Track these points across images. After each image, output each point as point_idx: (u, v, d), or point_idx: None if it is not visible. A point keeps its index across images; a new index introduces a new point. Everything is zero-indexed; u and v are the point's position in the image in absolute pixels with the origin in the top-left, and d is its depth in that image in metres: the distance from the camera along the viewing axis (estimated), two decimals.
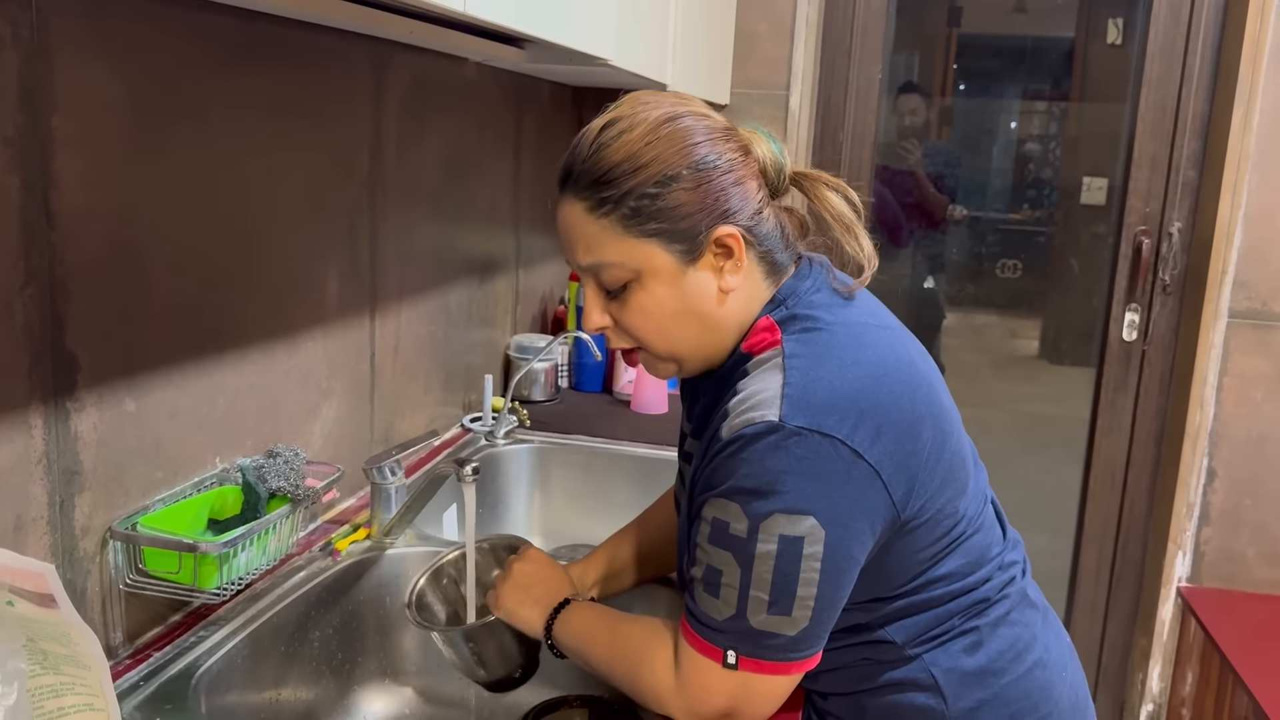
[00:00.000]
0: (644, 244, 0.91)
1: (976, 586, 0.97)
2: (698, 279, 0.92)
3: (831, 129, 2.52)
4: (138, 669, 1.04)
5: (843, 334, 0.92)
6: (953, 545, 0.95)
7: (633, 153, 0.90)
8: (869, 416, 0.86)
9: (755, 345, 0.93)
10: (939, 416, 0.92)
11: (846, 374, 0.88)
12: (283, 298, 1.31)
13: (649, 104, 0.94)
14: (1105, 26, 2.70)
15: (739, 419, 0.87)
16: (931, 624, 0.96)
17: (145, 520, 1.07)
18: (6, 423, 0.91)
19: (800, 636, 0.88)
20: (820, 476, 0.84)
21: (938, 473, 0.91)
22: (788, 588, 0.86)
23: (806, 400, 0.85)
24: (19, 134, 0.90)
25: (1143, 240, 2.41)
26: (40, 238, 0.93)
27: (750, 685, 0.89)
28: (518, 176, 2.08)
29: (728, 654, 0.89)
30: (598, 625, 1.03)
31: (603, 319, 0.97)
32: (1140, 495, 2.55)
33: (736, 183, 0.91)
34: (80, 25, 0.95)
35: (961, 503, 0.95)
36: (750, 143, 0.95)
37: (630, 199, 0.90)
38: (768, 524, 0.85)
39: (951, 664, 0.96)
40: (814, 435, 0.84)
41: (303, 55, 1.30)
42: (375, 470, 1.37)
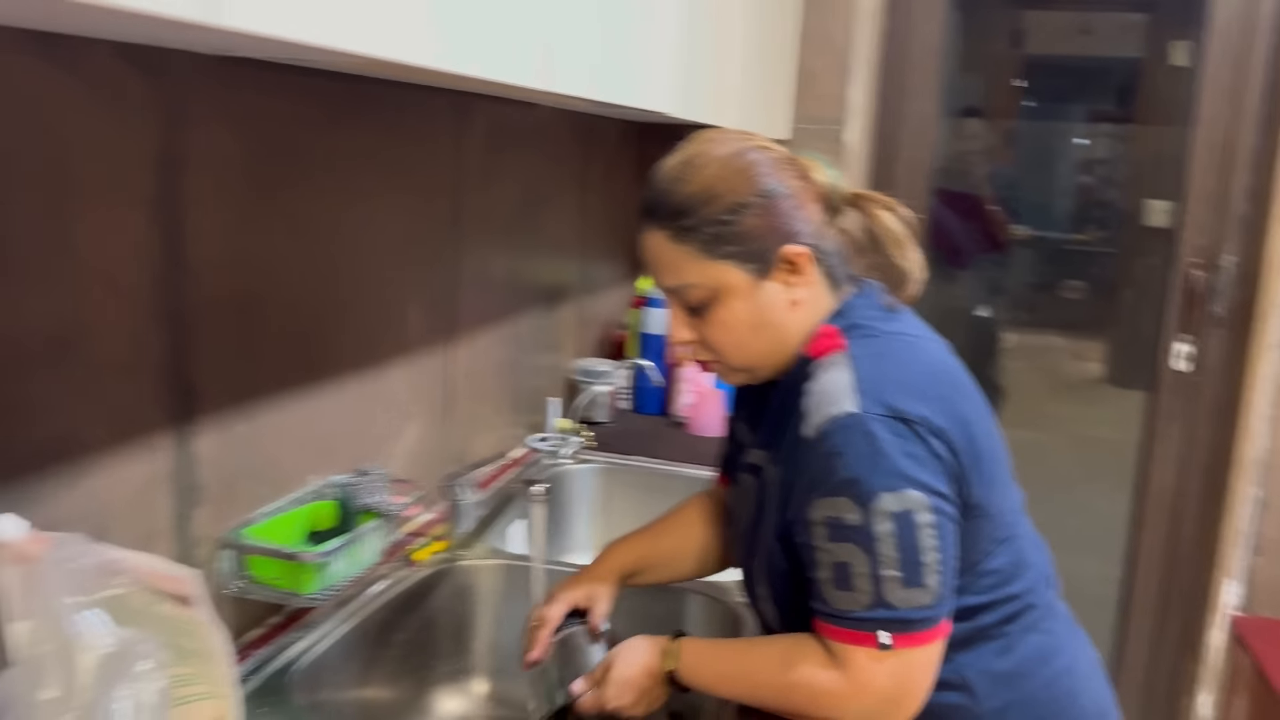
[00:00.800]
0: (721, 265, 1.03)
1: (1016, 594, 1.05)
2: (770, 292, 1.04)
3: (887, 162, 2.60)
4: (242, 665, 1.17)
5: (898, 342, 1.04)
6: (1002, 542, 1.04)
7: (707, 185, 1.02)
8: (935, 404, 0.97)
9: (818, 349, 1.03)
10: (985, 416, 1.03)
11: (909, 370, 1.00)
12: (372, 329, 1.44)
13: (717, 141, 1.06)
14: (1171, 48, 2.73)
15: (819, 415, 0.97)
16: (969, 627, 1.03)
17: (251, 531, 1.19)
18: (141, 445, 1.05)
19: (936, 602, 0.96)
20: (910, 454, 0.94)
21: (992, 467, 1.02)
22: (914, 560, 0.94)
23: (879, 390, 0.96)
24: (158, 193, 1.03)
25: (1196, 272, 2.45)
26: (172, 283, 1.06)
27: (909, 660, 0.96)
28: (584, 209, 2.20)
29: (880, 636, 0.95)
30: (724, 665, 1.07)
31: (688, 334, 1.08)
32: (1192, 524, 2.58)
33: (799, 207, 1.04)
34: (207, 95, 1.08)
35: (1009, 502, 1.05)
36: (809, 170, 1.07)
37: (707, 226, 1.02)
38: (877, 506, 0.93)
39: (984, 666, 1.04)
40: (893, 420, 0.95)
41: (395, 110, 1.42)
42: (452, 488, 1.49)
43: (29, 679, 0.73)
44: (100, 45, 0.94)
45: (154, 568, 0.83)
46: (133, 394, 1.03)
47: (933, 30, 2.54)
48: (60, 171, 0.92)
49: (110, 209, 0.97)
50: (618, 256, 2.48)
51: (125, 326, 1.01)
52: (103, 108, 0.95)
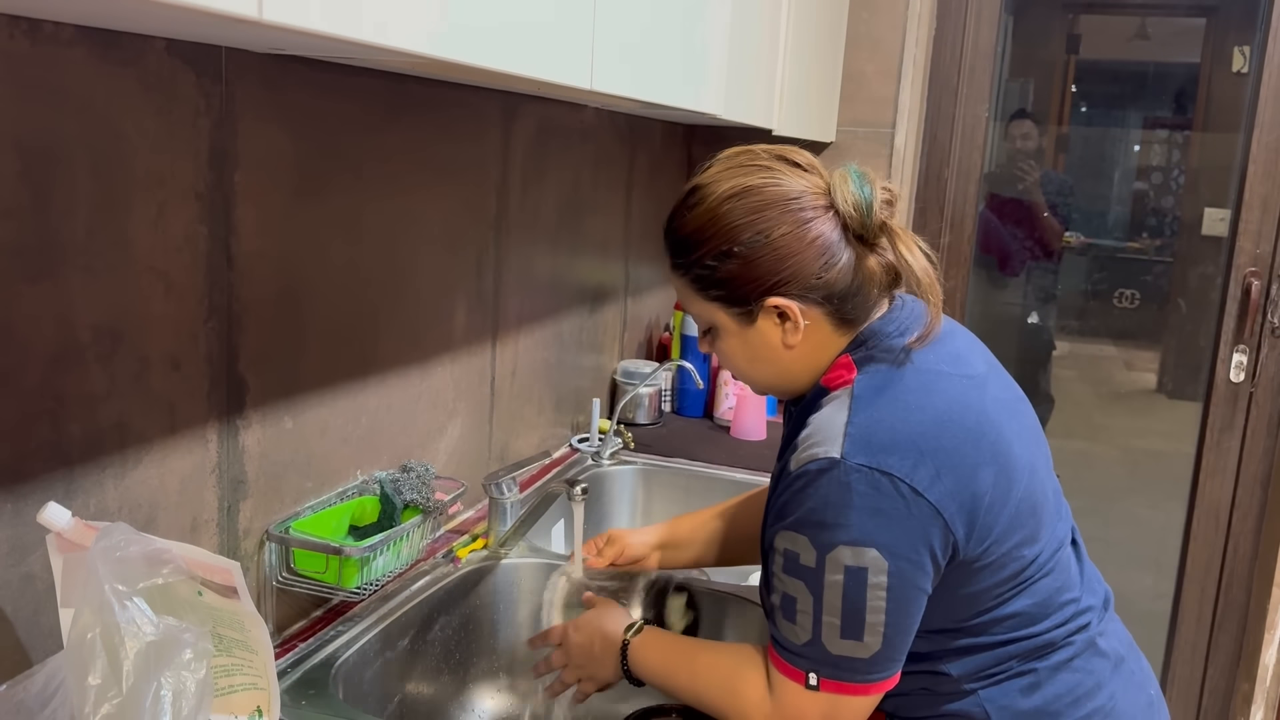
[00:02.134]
0: (710, 305, 1.04)
1: (1042, 632, 1.01)
2: (760, 335, 1.02)
3: (937, 166, 2.57)
4: (285, 657, 1.18)
5: (913, 379, 0.98)
6: (1020, 588, 1.00)
7: (697, 228, 1.01)
8: (928, 458, 0.92)
9: (832, 381, 1.01)
10: (1005, 465, 0.97)
11: (910, 417, 0.95)
12: (417, 327, 1.45)
13: (728, 170, 1.01)
14: (1231, 54, 2.68)
15: (804, 453, 0.95)
16: (990, 663, 1.01)
17: (296, 525, 1.21)
18: (189, 437, 1.06)
19: (874, 659, 0.95)
20: (881, 512, 0.91)
21: (1002, 519, 0.96)
22: (857, 615, 0.93)
23: (868, 439, 0.92)
24: (209, 189, 1.05)
25: (1252, 281, 2.39)
26: (222, 278, 1.08)
27: (836, 705, 0.96)
28: (629, 211, 2.20)
29: (809, 676, 0.96)
30: (670, 654, 1.12)
31: (706, 348, 1.11)
32: (1245, 538, 2.52)
33: (789, 255, 0.97)
34: (258, 94, 1.10)
35: (1030, 550, 0.99)
36: (834, 194, 0.98)
37: (696, 267, 1.02)
38: (833, 555, 0.92)
39: (1006, 702, 1.01)
40: (874, 473, 0.91)
41: (443, 110, 1.43)
42: (493, 486, 1.50)
43: (76, 664, 0.74)
44: (154, 42, 0.95)
45: (198, 558, 0.84)
46: (182, 387, 1.04)
47: (985, 33, 2.51)
48: (114, 166, 0.93)
49: (162, 204, 0.99)
50: (662, 259, 2.46)
51: (175, 319, 1.02)
52: (156, 104, 0.97)
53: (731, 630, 1.46)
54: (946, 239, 2.56)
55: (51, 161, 0.87)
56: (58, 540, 0.81)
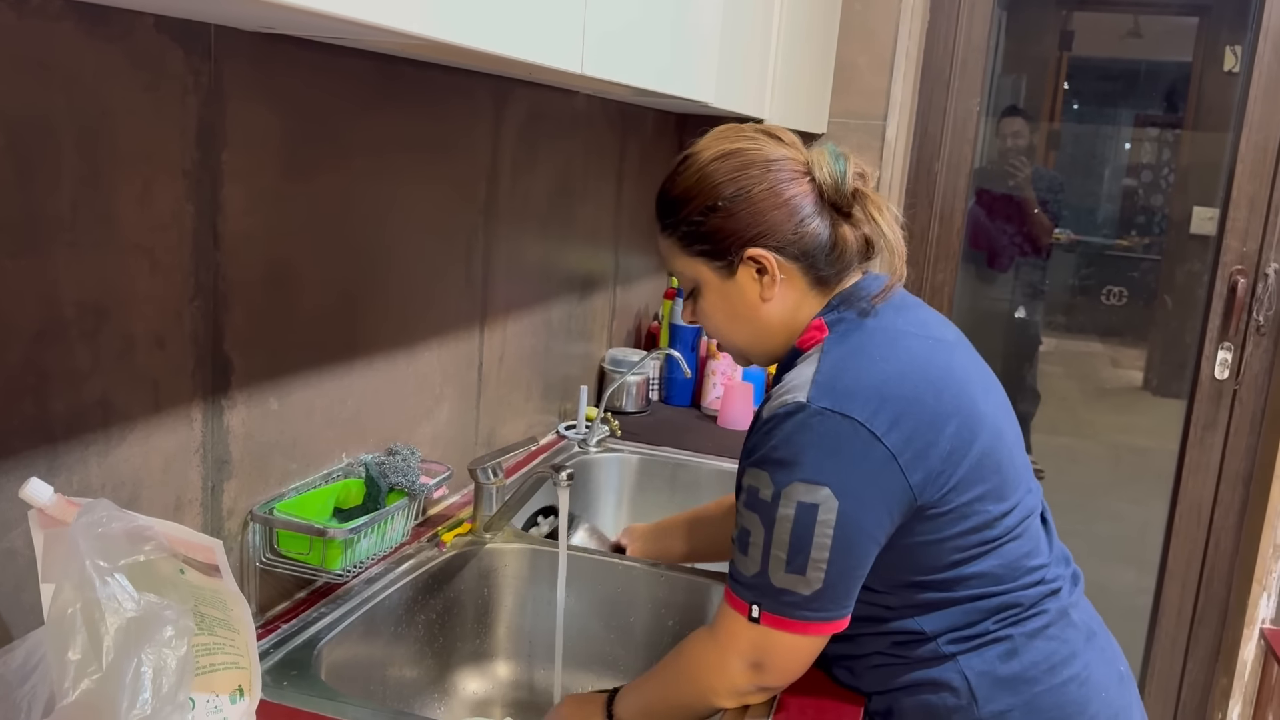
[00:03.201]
0: (695, 261, 1.11)
1: (1008, 591, 1.05)
2: (739, 289, 1.09)
3: (927, 159, 2.57)
4: (267, 638, 1.18)
5: (880, 336, 1.05)
6: (986, 547, 1.03)
7: (687, 186, 1.09)
8: (889, 404, 0.98)
9: (805, 342, 1.09)
10: (968, 416, 1.02)
11: (874, 367, 1.02)
12: (406, 311, 1.44)
13: (717, 139, 1.11)
14: (1223, 53, 2.69)
15: (775, 401, 1.02)
16: (961, 620, 1.04)
17: (281, 506, 1.21)
18: (173, 416, 1.06)
19: (814, 597, 0.99)
20: (838, 453, 0.97)
21: (962, 468, 1.00)
22: (803, 549, 0.97)
23: (832, 386, 0.99)
24: (195, 167, 1.04)
25: (1238, 280, 2.40)
26: (208, 257, 1.07)
27: (772, 640, 1.01)
28: (619, 199, 2.20)
29: (753, 608, 1.01)
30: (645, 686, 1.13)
31: (689, 315, 1.18)
32: (1226, 534, 2.54)
33: (771, 208, 1.06)
34: (247, 71, 1.09)
35: (995, 507, 1.03)
36: (812, 165, 1.08)
37: (683, 225, 1.10)
38: (788, 491, 0.97)
39: (985, 668, 1.04)
40: (834, 415, 0.97)
41: (434, 93, 1.43)
42: (479, 471, 1.50)
43: (56, 639, 0.74)
44: (143, 18, 0.95)
45: (181, 536, 0.84)
46: (167, 365, 1.04)
47: (979, 27, 2.51)
48: (100, 142, 0.93)
49: (149, 181, 0.98)
50: (652, 248, 2.47)
51: (161, 298, 1.02)
52: (144, 80, 0.96)
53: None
54: (936, 232, 2.57)
55: (37, 135, 0.87)
56: (39, 516, 0.80)
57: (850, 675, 1.12)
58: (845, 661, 1.11)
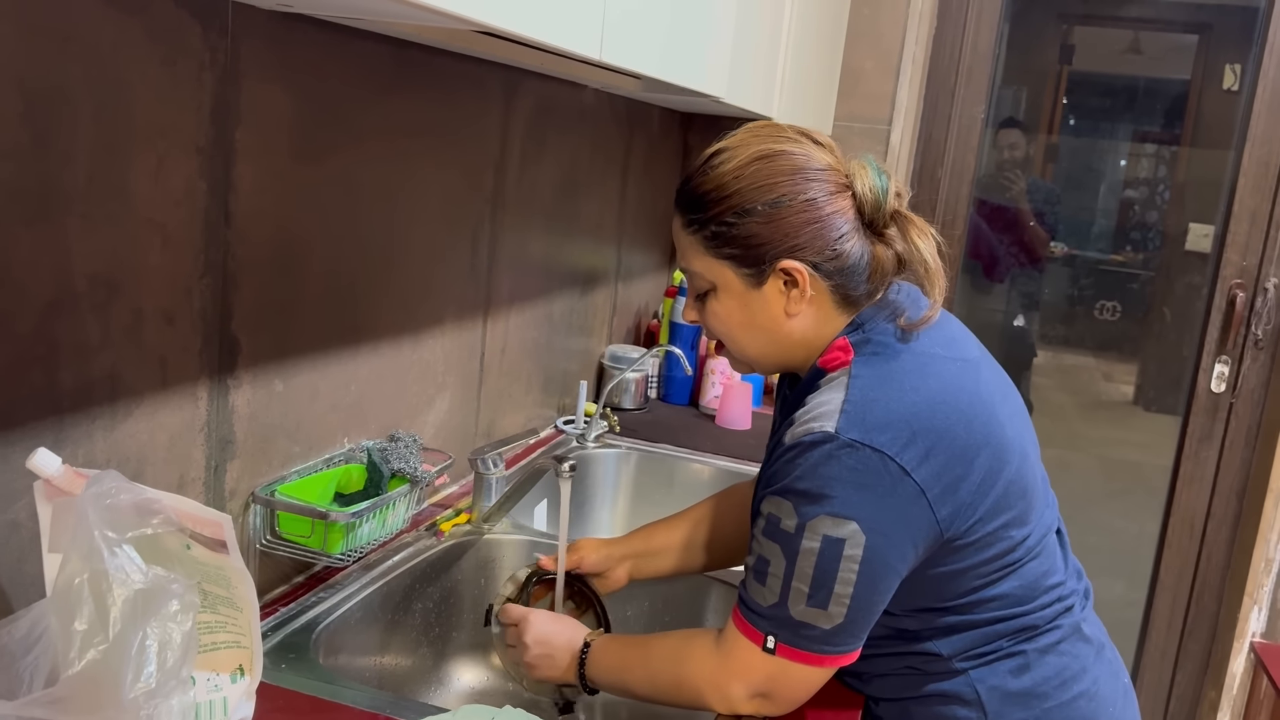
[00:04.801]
0: (719, 264, 1.04)
1: (1028, 613, 1.04)
2: (763, 300, 1.03)
3: (931, 165, 2.58)
4: (267, 620, 1.17)
5: (909, 361, 1.00)
6: (1007, 570, 1.02)
7: (721, 184, 1.01)
8: (920, 438, 0.94)
9: (829, 362, 1.02)
10: (998, 446, 0.99)
11: (905, 398, 0.97)
12: (411, 298, 1.44)
13: (758, 136, 1.03)
14: (1222, 71, 2.70)
15: (801, 428, 0.97)
16: (978, 642, 1.03)
17: (282, 489, 1.20)
18: (180, 393, 1.05)
19: (834, 631, 0.96)
20: (867, 488, 0.93)
21: (989, 499, 0.98)
22: (826, 583, 0.94)
23: (863, 417, 0.94)
24: (209, 144, 1.04)
25: (1237, 293, 2.41)
26: (219, 235, 1.07)
27: (786, 671, 0.98)
28: (624, 195, 2.20)
29: (768, 639, 0.98)
30: (629, 653, 1.10)
31: (693, 315, 1.11)
32: (1219, 548, 2.54)
33: (811, 221, 0.99)
34: (262, 51, 1.09)
35: (1019, 531, 1.01)
36: (853, 178, 1.01)
37: (712, 224, 1.02)
38: (814, 524, 0.94)
39: (997, 683, 1.03)
40: (865, 449, 0.93)
41: (445, 81, 1.43)
42: (480, 461, 1.49)
43: (63, 609, 0.73)
44: None
45: (189, 510, 0.83)
46: (175, 342, 1.03)
47: (985, 35, 2.52)
48: (116, 114, 0.92)
49: (163, 156, 0.98)
50: (654, 245, 2.47)
51: (171, 274, 1.01)
52: (161, 55, 0.96)
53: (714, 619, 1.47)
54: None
55: (54, 105, 0.86)
56: (45, 487, 0.80)
57: (859, 682, 1.12)
58: (855, 672, 1.10)
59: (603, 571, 1.29)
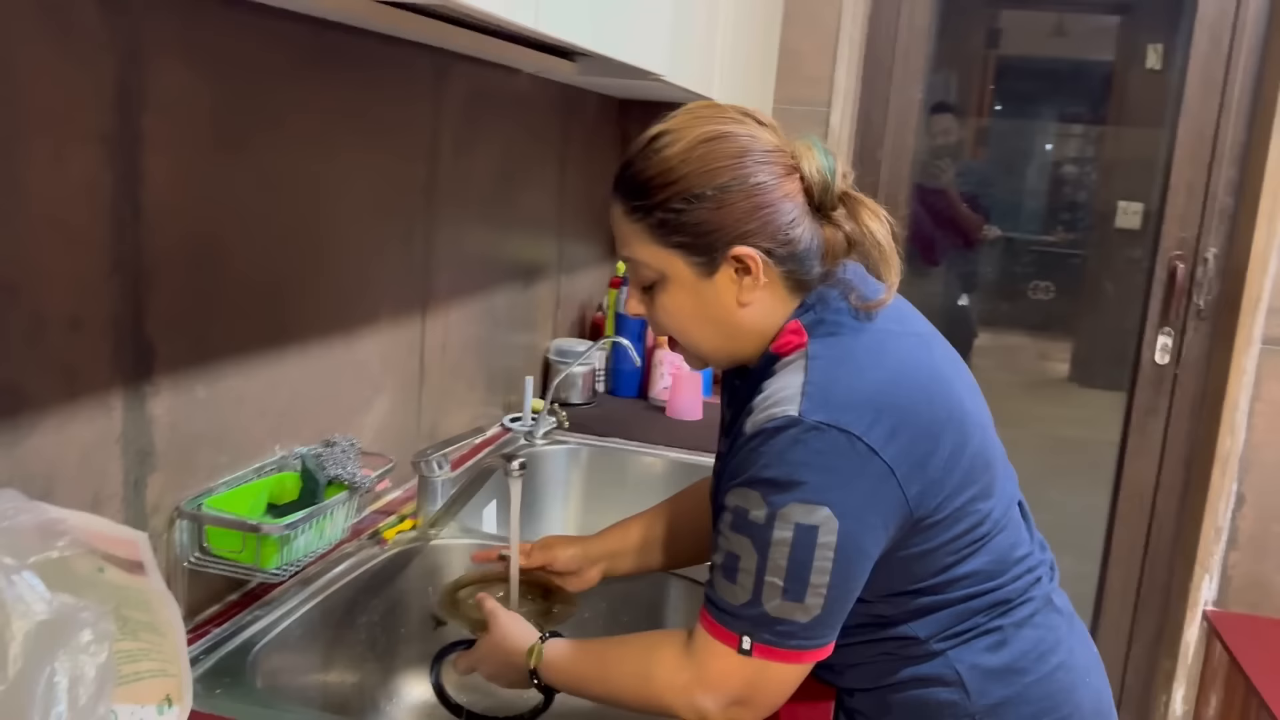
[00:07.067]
0: (668, 252, 0.98)
1: (1000, 587, 1.01)
2: (715, 290, 0.98)
3: (871, 147, 2.56)
4: (198, 643, 1.09)
5: (866, 338, 0.97)
6: (976, 545, 0.99)
7: (667, 168, 0.96)
8: (885, 415, 0.90)
9: (782, 347, 0.98)
10: (960, 420, 0.96)
11: (865, 375, 0.93)
12: (342, 294, 1.36)
13: (701, 118, 0.98)
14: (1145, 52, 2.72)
15: (762, 414, 0.92)
16: (954, 620, 1.00)
17: (210, 502, 1.12)
18: (90, 403, 0.97)
19: (812, 624, 0.91)
20: (836, 470, 0.89)
21: (956, 474, 0.95)
22: (801, 575, 0.90)
23: (826, 397, 0.90)
24: (114, 132, 0.95)
25: (1178, 265, 2.43)
26: (128, 230, 0.98)
27: (764, 672, 0.93)
28: (563, 186, 2.13)
29: (743, 640, 0.92)
30: (579, 655, 1.04)
31: (637, 308, 1.05)
32: (1168, 519, 2.56)
33: (764, 206, 0.95)
34: (169, 31, 1.01)
35: (985, 504, 0.98)
36: (800, 160, 0.97)
37: (659, 211, 0.96)
38: (785, 512, 0.89)
39: (975, 661, 1.00)
40: (831, 430, 0.89)
41: (370, 64, 1.35)
42: (423, 463, 1.42)
43: None
44: None
45: (99, 529, 0.76)
46: (82, 348, 0.95)
47: (920, 15, 2.50)
48: (4, 100, 0.84)
49: (60, 146, 0.90)
50: (596, 236, 2.41)
51: (75, 274, 0.93)
52: (52, 32, 0.88)
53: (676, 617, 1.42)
54: None
55: None
56: None
57: (831, 674, 1.07)
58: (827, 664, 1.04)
59: (575, 570, 1.25)
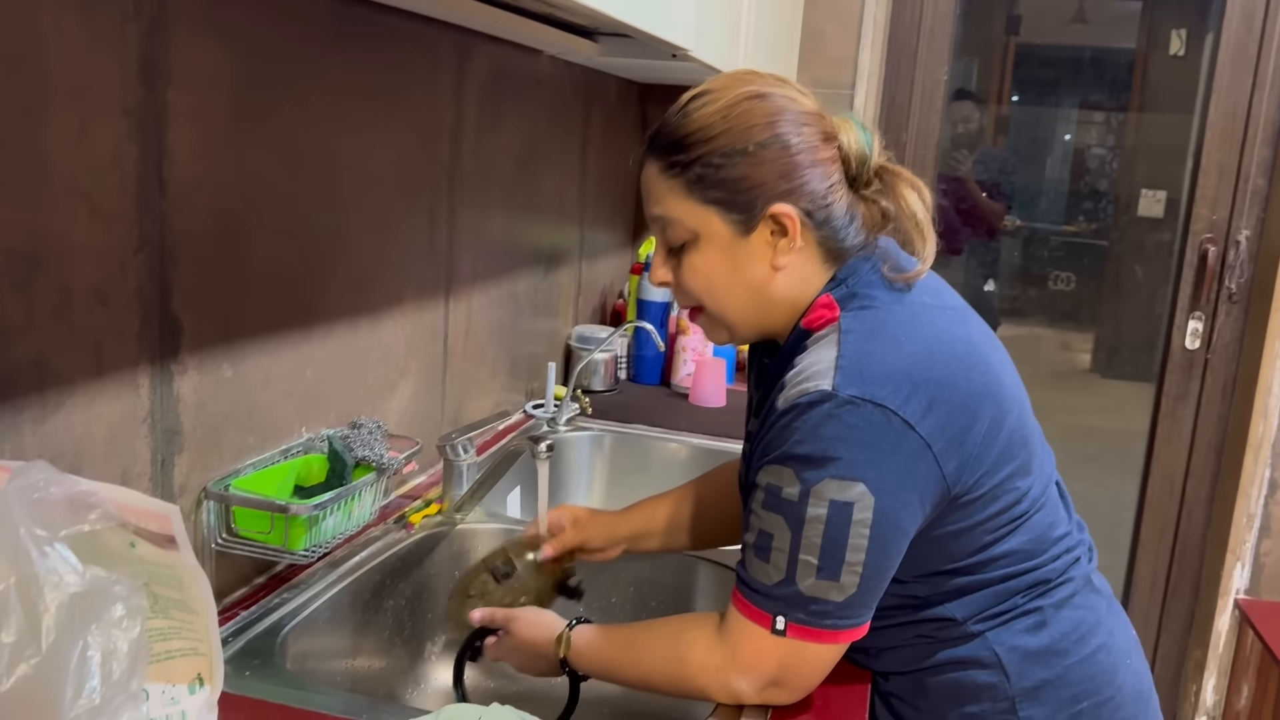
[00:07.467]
0: (704, 209, 0.96)
1: (1039, 566, 0.99)
2: (749, 250, 0.96)
3: (895, 130, 2.52)
4: (227, 625, 1.08)
5: (899, 312, 0.94)
6: (1014, 523, 0.97)
7: (709, 123, 0.95)
8: (921, 390, 0.88)
9: (814, 321, 0.96)
10: (997, 395, 0.94)
11: (901, 349, 0.91)
12: (366, 275, 1.35)
13: (741, 80, 0.97)
14: (1168, 37, 2.68)
15: (794, 389, 0.90)
16: (992, 601, 0.98)
17: (237, 483, 1.11)
18: (118, 381, 0.96)
19: (847, 604, 0.89)
20: (872, 445, 0.87)
21: (994, 450, 0.92)
22: (836, 552, 0.88)
23: (860, 371, 0.88)
24: (138, 105, 0.94)
25: (1209, 248, 2.39)
26: (153, 205, 0.97)
27: (799, 653, 0.91)
28: (584, 170, 2.11)
29: (776, 620, 0.90)
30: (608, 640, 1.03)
31: (665, 274, 1.02)
32: (1199, 506, 2.52)
33: (804, 166, 0.94)
34: (194, 4, 0.99)
35: (1023, 481, 0.96)
36: (837, 131, 0.97)
37: (698, 165, 0.95)
38: (819, 489, 0.87)
39: (1015, 643, 0.98)
40: (866, 405, 0.87)
41: (393, 41, 1.33)
42: (449, 447, 1.41)
43: None
44: None
45: (131, 502, 0.74)
46: (109, 324, 0.94)
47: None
48: (29, 70, 0.82)
49: (85, 118, 0.88)
50: (617, 222, 2.39)
51: (101, 248, 0.92)
52: (79, 6, 0.86)
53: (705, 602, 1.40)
54: None
55: None
56: None
57: (866, 658, 1.05)
58: (861, 647, 1.02)
59: (600, 550, 1.24)
